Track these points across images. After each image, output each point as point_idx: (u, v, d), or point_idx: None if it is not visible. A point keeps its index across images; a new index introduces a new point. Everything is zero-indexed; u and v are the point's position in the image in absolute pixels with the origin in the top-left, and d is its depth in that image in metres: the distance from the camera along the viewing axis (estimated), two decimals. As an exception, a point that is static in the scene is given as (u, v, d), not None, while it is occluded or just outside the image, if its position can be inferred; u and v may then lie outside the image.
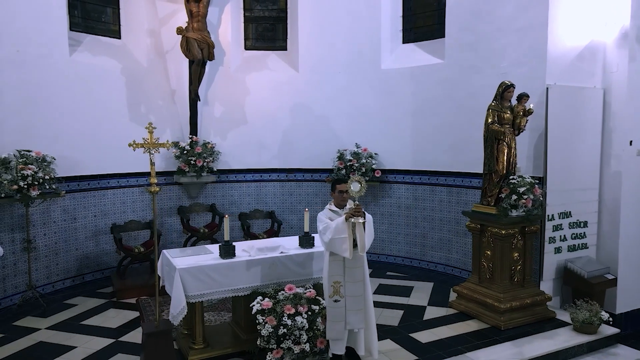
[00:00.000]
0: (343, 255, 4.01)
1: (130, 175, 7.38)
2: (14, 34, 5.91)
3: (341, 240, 3.97)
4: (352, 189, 4.03)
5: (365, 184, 4.09)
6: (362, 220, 3.95)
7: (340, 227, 3.97)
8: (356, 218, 3.93)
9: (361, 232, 3.97)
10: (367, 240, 4.01)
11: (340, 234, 3.97)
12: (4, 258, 5.86)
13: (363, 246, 3.99)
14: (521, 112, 5.40)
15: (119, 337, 4.97)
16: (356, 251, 4.06)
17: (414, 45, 7.74)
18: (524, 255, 5.44)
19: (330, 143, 7.91)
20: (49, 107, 6.34)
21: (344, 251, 3.99)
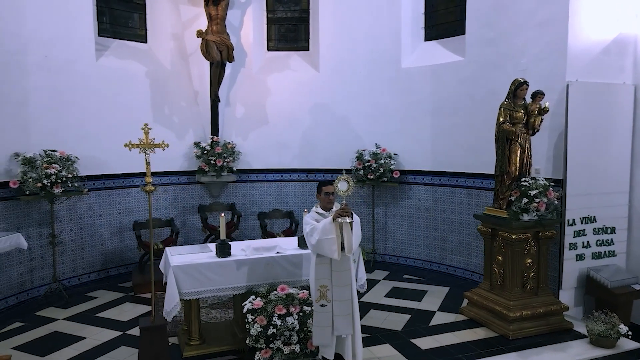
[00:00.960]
0: (331, 256, 3.95)
1: (154, 175, 7.58)
2: (43, 41, 6.27)
3: (329, 241, 3.91)
4: (339, 188, 3.98)
5: (353, 183, 4.03)
6: (349, 220, 3.89)
7: (327, 227, 3.92)
8: (343, 218, 3.87)
9: (348, 232, 3.90)
10: (354, 241, 3.93)
11: (328, 235, 3.91)
12: (32, 251, 6.25)
13: (350, 247, 3.92)
14: (536, 111, 5.12)
15: (127, 330, 5.16)
16: (343, 252, 3.99)
17: (435, 43, 7.53)
18: (538, 261, 5.16)
19: (350, 143, 7.84)
20: (76, 110, 6.68)
21: (333, 252, 3.92)
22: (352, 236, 3.90)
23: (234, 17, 8.07)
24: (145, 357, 4.18)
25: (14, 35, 5.96)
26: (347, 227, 3.90)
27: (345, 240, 3.91)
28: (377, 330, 5.13)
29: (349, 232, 3.90)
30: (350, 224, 3.91)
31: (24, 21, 6.06)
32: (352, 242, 3.90)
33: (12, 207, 5.99)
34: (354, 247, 3.96)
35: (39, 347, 4.77)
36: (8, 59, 5.92)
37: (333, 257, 3.94)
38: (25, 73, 6.12)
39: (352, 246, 3.93)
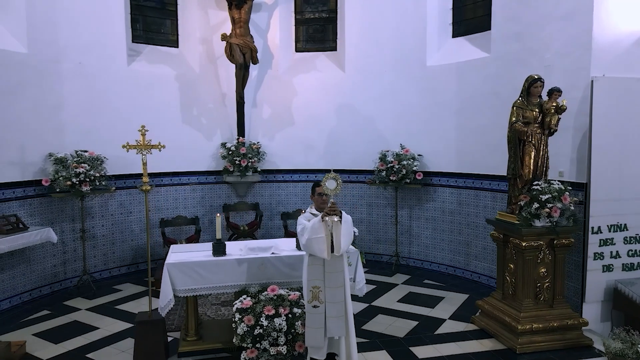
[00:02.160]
0: (321, 256, 3.91)
1: (182, 174, 7.94)
2: (77, 48, 6.71)
3: (318, 241, 3.87)
4: (327, 187, 3.93)
5: (341, 182, 3.97)
6: (336, 219, 3.83)
7: (316, 227, 3.88)
8: (331, 217, 3.82)
9: (337, 232, 3.84)
10: (343, 241, 3.85)
11: (317, 234, 3.87)
12: (65, 245, 6.71)
13: (339, 247, 3.85)
14: (552, 110, 4.76)
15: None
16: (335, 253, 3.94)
17: (463, 39, 7.22)
18: (554, 271, 4.80)
19: (375, 144, 7.71)
20: (108, 112, 7.07)
21: (322, 252, 3.88)
22: (341, 236, 3.83)
23: (261, 20, 8.21)
24: (141, 350, 4.37)
25: (50, 44, 6.43)
26: (336, 226, 3.84)
27: (334, 240, 3.85)
28: (378, 336, 5.01)
29: (338, 232, 3.84)
30: (340, 223, 3.84)
31: (60, 30, 6.51)
32: (341, 241, 3.83)
33: (47, 204, 6.47)
34: (344, 247, 3.87)
35: (55, 334, 5.11)
36: (45, 67, 6.39)
37: (323, 257, 3.90)
38: (60, 79, 6.58)
39: (342, 246, 3.85)
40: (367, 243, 8.16)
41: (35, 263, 6.33)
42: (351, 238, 3.96)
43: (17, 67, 6.04)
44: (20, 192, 6.11)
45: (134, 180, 7.45)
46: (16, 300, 6.04)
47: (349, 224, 3.93)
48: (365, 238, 8.16)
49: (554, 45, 5.52)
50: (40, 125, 6.35)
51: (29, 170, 6.21)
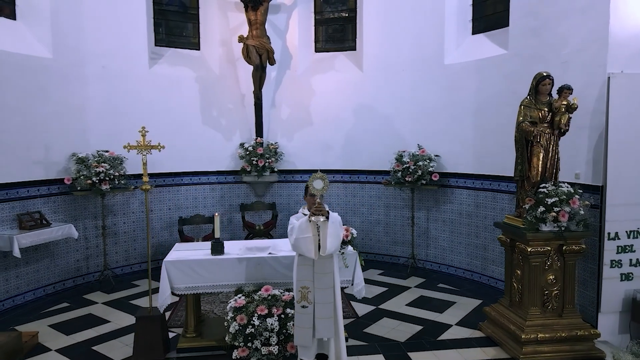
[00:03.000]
0: (308, 255, 3.91)
1: (202, 174, 8.12)
2: (100, 53, 7.00)
3: (305, 240, 3.87)
4: (314, 186, 3.93)
5: (328, 182, 3.95)
6: (322, 219, 3.81)
7: (304, 226, 3.88)
8: (317, 217, 3.81)
9: (324, 232, 3.82)
10: (329, 241, 3.82)
11: (304, 234, 3.88)
12: (88, 240, 7.02)
13: (325, 247, 3.82)
14: (563, 108, 4.52)
15: (147, 318, 5.56)
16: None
17: (482, 36, 6.99)
18: (563, 278, 4.56)
19: (393, 144, 7.59)
20: (129, 114, 7.31)
21: (309, 252, 3.88)
22: (327, 236, 3.80)
23: (279, 21, 8.26)
24: (140, 344, 4.50)
25: (74, 49, 6.74)
26: (323, 226, 3.83)
27: (321, 240, 3.83)
28: (378, 340, 4.93)
29: (325, 232, 3.82)
30: (326, 223, 3.82)
31: (83, 36, 6.82)
32: (327, 242, 3.80)
33: (70, 201, 6.78)
34: (330, 247, 3.83)
35: (69, 326, 5.35)
36: (69, 71, 6.70)
37: (310, 256, 3.90)
38: (84, 82, 6.89)
39: (328, 246, 3.82)
40: (384, 245, 8.05)
41: (59, 257, 6.66)
42: (339, 239, 3.91)
43: (43, 71, 6.36)
44: (45, 190, 6.44)
45: (154, 179, 7.68)
46: (40, 293, 6.37)
47: (336, 225, 3.89)
48: (383, 240, 8.06)
49: (571, 41, 5.25)
50: (65, 127, 6.67)
51: (53, 169, 6.53)
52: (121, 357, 4.57)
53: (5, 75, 5.89)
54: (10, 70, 5.95)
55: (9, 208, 5.95)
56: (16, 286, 6.06)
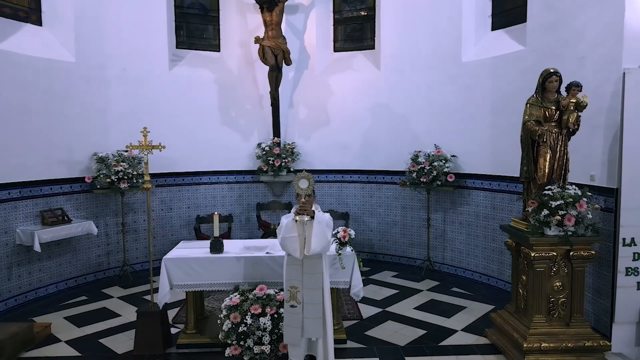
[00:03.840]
0: (294, 255, 3.92)
1: (220, 173, 8.26)
2: (121, 56, 7.25)
3: (291, 239, 3.89)
4: (299, 186, 3.94)
5: (314, 181, 3.95)
6: (306, 219, 3.81)
7: (289, 225, 3.90)
8: (301, 216, 3.81)
9: (309, 231, 3.81)
10: (314, 241, 3.80)
11: (290, 233, 3.89)
12: (109, 237, 7.29)
13: (309, 246, 3.81)
14: (572, 106, 4.29)
15: (156, 313, 5.72)
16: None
17: (502, 32, 6.74)
18: (571, 285, 4.33)
19: (410, 144, 7.46)
20: (150, 114, 7.50)
21: (295, 251, 3.90)
22: (312, 235, 3.79)
23: (297, 21, 8.29)
24: (141, 338, 4.64)
25: (96, 53, 7.01)
26: (309, 225, 3.82)
27: (306, 239, 3.83)
28: (378, 343, 4.85)
29: (309, 231, 3.81)
30: (311, 222, 3.81)
31: (105, 40, 7.08)
32: (312, 241, 3.79)
33: (92, 199, 7.07)
34: (315, 247, 3.81)
35: (82, 319, 5.58)
36: (92, 73, 6.98)
37: (296, 256, 3.91)
38: (105, 84, 7.16)
39: (312, 246, 3.80)
40: (400, 246, 7.92)
41: (81, 252, 6.95)
42: (325, 239, 3.86)
43: (66, 75, 6.66)
44: (68, 187, 6.74)
45: (174, 179, 7.89)
46: (62, 286, 6.68)
47: (322, 225, 3.85)
48: (399, 241, 7.93)
49: (587, 35, 4.97)
50: (87, 127, 6.95)
51: (75, 168, 6.83)
52: (124, 350, 4.71)
53: (30, 79, 6.20)
54: (35, 74, 6.26)
55: (32, 205, 6.26)
56: (39, 279, 6.38)
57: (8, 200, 5.95)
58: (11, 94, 5.97)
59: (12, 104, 5.98)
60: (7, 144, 5.92)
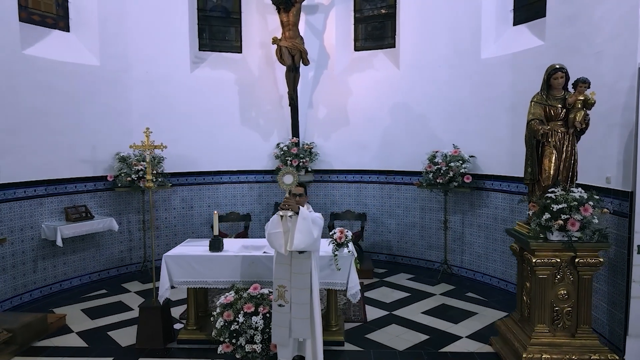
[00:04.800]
0: (279, 251, 3.97)
1: (241, 173, 8.39)
2: (143, 59, 7.51)
3: (276, 235, 3.94)
4: (284, 181, 3.97)
5: (298, 178, 3.97)
6: (289, 214, 3.80)
7: (275, 221, 3.95)
8: (284, 211, 3.82)
9: (293, 227, 3.81)
10: (297, 237, 3.79)
11: (275, 229, 3.94)
12: (131, 233, 7.58)
13: (291, 241, 3.80)
14: (579, 104, 4.05)
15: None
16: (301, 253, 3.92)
17: (524, 27, 6.46)
18: (577, 294, 4.08)
19: (429, 143, 7.28)
20: (171, 115, 7.76)
21: (280, 247, 3.94)
22: (295, 231, 3.78)
23: (317, 21, 8.28)
24: (143, 332, 4.78)
25: (119, 56, 7.30)
26: (293, 221, 3.83)
27: (290, 235, 3.83)
28: (376, 346, 4.77)
29: (293, 227, 3.80)
30: (296, 218, 3.81)
31: (128, 44, 7.36)
32: (294, 237, 3.78)
33: (115, 196, 7.36)
34: (298, 243, 3.80)
35: (97, 311, 5.82)
36: (115, 77, 7.28)
37: (281, 252, 3.95)
38: (128, 87, 7.44)
39: (295, 242, 3.79)
40: (419, 249, 7.75)
41: (104, 248, 7.26)
42: (310, 236, 3.82)
43: (91, 78, 6.96)
44: (92, 185, 7.06)
45: (195, 178, 8.09)
46: (86, 279, 7.00)
47: (307, 222, 3.82)
48: (418, 243, 7.76)
49: (604, 28, 4.67)
50: (110, 128, 7.24)
51: (99, 167, 7.14)
52: (128, 343, 4.88)
53: (55, 83, 6.53)
54: (60, 78, 6.58)
55: (57, 201, 6.60)
56: (63, 272, 6.71)
57: (34, 197, 6.30)
58: (38, 97, 6.31)
59: (38, 107, 6.32)
60: (34, 144, 6.26)
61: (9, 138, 5.93)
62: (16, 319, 4.89)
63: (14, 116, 6.01)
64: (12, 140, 5.97)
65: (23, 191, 6.15)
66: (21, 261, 6.14)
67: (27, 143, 6.19)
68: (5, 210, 5.93)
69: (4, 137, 5.87)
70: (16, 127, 6.03)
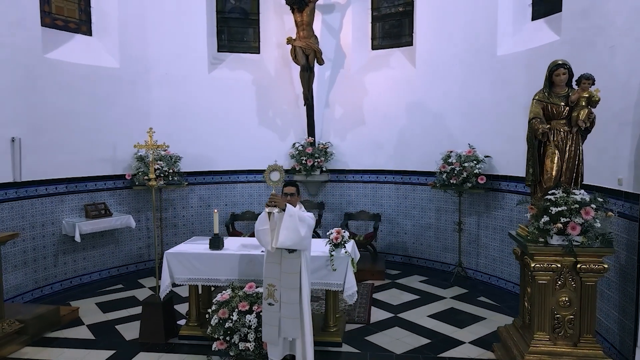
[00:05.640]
0: (266, 247, 4.00)
1: (257, 172, 8.46)
2: (163, 61, 7.71)
3: (263, 232, 3.97)
4: (270, 178, 4.00)
5: (284, 174, 4.00)
6: (276, 211, 3.82)
7: (262, 218, 4.00)
8: (270, 208, 3.84)
9: (278, 224, 3.82)
10: (282, 234, 3.78)
11: (262, 226, 3.98)
12: (149, 230, 7.80)
13: (276, 238, 3.81)
14: (584, 102, 3.85)
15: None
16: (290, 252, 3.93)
17: (542, 22, 6.20)
18: (580, 301, 3.88)
19: (444, 143, 7.14)
20: (190, 116, 7.94)
21: (267, 243, 3.97)
22: (281, 228, 3.79)
23: (333, 20, 8.26)
24: (146, 327, 4.91)
25: (139, 59, 7.53)
26: (279, 218, 3.83)
27: (275, 232, 3.84)
28: (374, 349, 4.70)
29: (280, 224, 3.81)
30: (282, 215, 3.83)
31: (148, 47, 7.57)
32: (280, 234, 3.79)
33: (134, 194, 7.60)
34: (284, 240, 3.79)
35: (110, 306, 6.03)
36: (136, 78, 7.51)
37: (268, 249, 3.98)
38: (148, 88, 7.66)
39: (280, 239, 3.79)
40: (434, 251, 7.59)
41: (123, 244, 7.51)
42: (296, 233, 3.80)
43: (111, 80, 7.22)
44: (111, 184, 7.31)
45: (212, 177, 8.23)
46: (105, 274, 7.26)
47: (294, 219, 3.81)
48: (433, 245, 7.60)
49: (617, 21, 4.43)
50: (130, 128, 7.46)
51: (119, 165, 7.39)
52: (132, 337, 5.02)
53: (77, 85, 6.80)
54: (82, 80, 6.85)
55: (78, 199, 6.88)
56: (83, 267, 6.99)
57: (55, 194, 6.59)
58: (60, 98, 6.59)
59: (60, 108, 6.60)
60: (56, 143, 6.54)
61: (32, 138, 6.22)
62: (30, 310, 5.13)
63: (37, 117, 6.30)
64: (34, 140, 6.26)
65: (45, 188, 6.44)
66: (42, 255, 6.43)
67: (49, 143, 6.48)
68: (28, 207, 6.23)
69: (27, 137, 6.16)
70: (39, 128, 6.32)
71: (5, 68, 5.89)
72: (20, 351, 4.69)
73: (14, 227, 5.98)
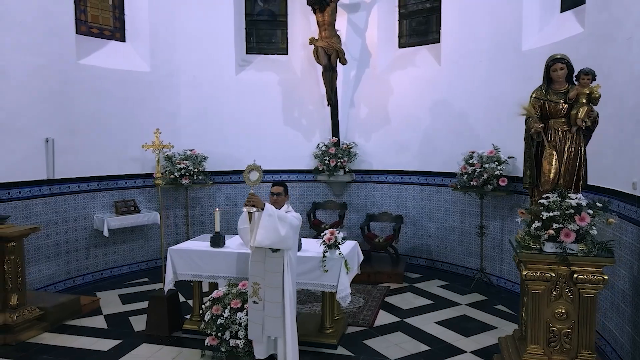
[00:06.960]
0: (247, 246, 4.12)
1: (283, 172, 8.56)
2: (191, 63, 8.00)
3: (244, 231, 4.15)
4: (249, 178, 4.06)
5: (262, 174, 4.03)
6: (253, 210, 3.89)
7: (243, 217, 4.17)
8: (249, 207, 3.91)
9: (257, 223, 3.88)
10: (259, 233, 3.85)
11: (243, 225, 4.17)
12: (178, 227, 8.13)
13: (254, 237, 3.87)
14: (583, 99, 3.57)
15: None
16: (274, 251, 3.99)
17: (570, 13, 5.81)
18: (578, 314, 3.59)
19: (469, 143, 6.89)
20: (218, 116, 8.18)
21: (247, 242, 4.11)
22: (258, 227, 3.85)
23: (359, 19, 8.19)
24: (152, 320, 5.13)
25: (168, 62, 7.86)
26: (258, 217, 3.89)
27: (254, 230, 3.90)
28: (369, 353, 4.62)
29: (257, 223, 3.87)
30: (254, 214, 3.99)
31: (177, 51, 7.89)
32: (257, 232, 3.86)
33: (163, 192, 7.89)
34: (261, 239, 3.87)
35: (129, 297, 6.35)
36: (164, 81, 7.85)
37: (247, 247, 4.06)
38: (177, 90, 7.98)
39: (257, 237, 3.85)
40: (458, 255, 7.32)
41: (152, 240, 7.87)
42: (275, 233, 3.86)
43: (142, 83, 7.59)
44: (140, 182, 7.69)
45: (239, 176, 8.40)
46: (134, 268, 7.65)
47: (273, 219, 3.85)
48: (457, 249, 7.33)
49: (634, 10, 4.05)
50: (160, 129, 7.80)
51: (148, 165, 7.74)
52: (140, 329, 5.26)
53: (108, 88, 7.21)
54: (113, 84, 7.26)
55: (109, 196, 7.30)
56: (113, 260, 7.40)
57: (87, 191, 7.03)
58: (92, 101, 7.02)
59: (93, 110, 7.03)
60: (88, 143, 6.98)
61: (65, 139, 6.67)
62: (53, 299, 5.52)
63: (71, 119, 6.76)
64: (68, 141, 6.72)
65: (77, 186, 6.89)
66: (74, 248, 6.89)
67: (82, 143, 6.92)
68: (61, 202, 6.69)
69: (62, 137, 6.62)
70: (72, 129, 6.78)
71: (41, 74, 6.36)
72: (39, 336, 5.05)
73: (47, 221, 6.46)
